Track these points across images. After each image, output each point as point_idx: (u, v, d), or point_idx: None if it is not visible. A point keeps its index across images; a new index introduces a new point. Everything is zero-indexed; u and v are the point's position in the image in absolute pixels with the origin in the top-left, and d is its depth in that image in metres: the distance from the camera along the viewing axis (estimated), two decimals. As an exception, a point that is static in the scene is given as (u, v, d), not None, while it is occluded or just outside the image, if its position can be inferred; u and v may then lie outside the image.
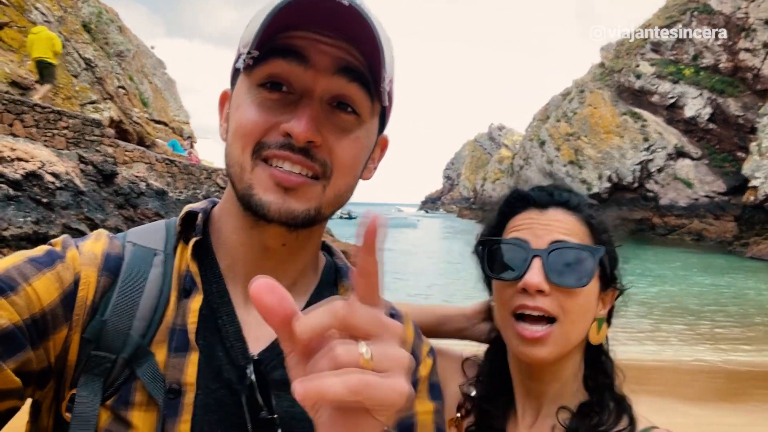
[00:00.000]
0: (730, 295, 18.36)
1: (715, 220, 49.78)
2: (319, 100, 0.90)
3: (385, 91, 0.94)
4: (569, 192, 1.28)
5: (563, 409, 1.22)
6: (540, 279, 1.13)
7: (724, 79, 53.56)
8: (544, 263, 1.15)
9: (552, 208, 1.22)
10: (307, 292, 1.07)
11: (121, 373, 0.85)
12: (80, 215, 11.03)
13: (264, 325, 0.98)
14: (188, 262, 0.95)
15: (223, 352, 0.92)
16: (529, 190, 1.28)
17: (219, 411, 0.88)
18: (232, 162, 0.94)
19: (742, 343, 11.25)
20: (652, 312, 14.31)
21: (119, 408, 0.83)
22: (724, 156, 53.29)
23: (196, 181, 18.43)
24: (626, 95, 59.44)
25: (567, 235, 1.18)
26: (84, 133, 12.81)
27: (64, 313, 0.85)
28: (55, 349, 0.83)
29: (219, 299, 0.96)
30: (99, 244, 0.95)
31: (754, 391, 8.26)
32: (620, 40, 65.31)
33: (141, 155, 15.62)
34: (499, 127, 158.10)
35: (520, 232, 1.21)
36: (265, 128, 0.90)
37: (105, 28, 21.16)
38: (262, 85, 0.90)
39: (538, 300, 1.14)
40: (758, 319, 14.00)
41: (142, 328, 0.88)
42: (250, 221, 0.96)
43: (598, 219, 1.24)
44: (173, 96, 28.93)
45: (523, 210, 1.25)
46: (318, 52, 0.89)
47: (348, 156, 0.94)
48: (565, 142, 59.90)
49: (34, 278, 0.82)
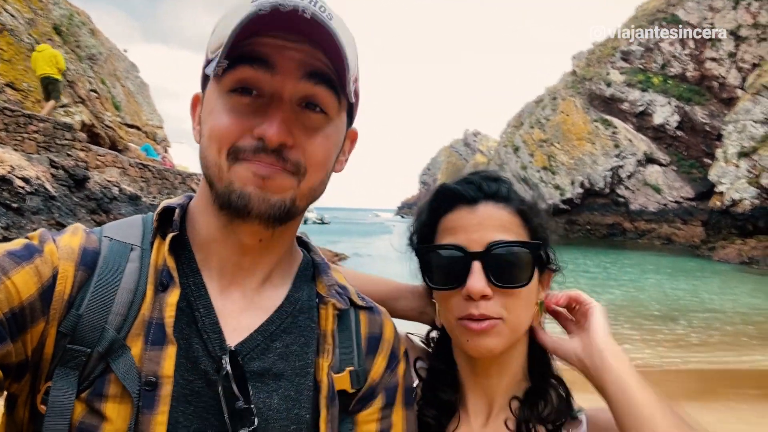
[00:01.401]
0: (697, 297, 18.79)
1: (684, 224, 50.96)
2: (288, 102, 0.93)
3: (351, 90, 0.98)
4: (497, 181, 1.23)
5: (514, 399, 1.24)
6: (483, 284, 1.12)
7: (691, 88, 55.02)
8: (485, 266, 1.13)
9: (482, 203, 1.19)
10: (283, 285, 1.08)
11: (96, 366, 0.86)
12: (51, 220, 10.83)
13: (241, 317, 1.01)
14: (165, 256, 0.96)
15: (200, 344, 0.93)
16: (457, 184, 1.23)
17: (196, 402, 0.90)
18: (209, 164, 0.96)
19: (708, 347, 11.50)
20: (621, 315, 14.58)
21: (93, 400, 0.84)
22: (691, 162, 54.65)
23: (170, 186, 18.21)
24: (597, 103, 60.58)
25: (502, 232, 1.16)
26: (55, 137, 12.57)
27: (42, 307, 0.85)
28: (32, 342, 0.85)
29: (196, 292, 0.97)
30: (76, 239, 0.95)
31: (722, 390, 8.45)
32: (591, 49, 66.60)
33: (113, 160, 15.37)
34: (474, 133, 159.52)
35: (454, 236, 1.18)
36: (239, 133, 0.93)
37: (76, 31, 20.77)
38: (233, 91, 0.93)
39: (482, 306, 1.13)
40: (722, 322, 14.35)
41: (118, 322, 0.89)
42: (225, 219, 0.98)
43: (528, 205, 1.22)
44: (146, 100, 28.50)
45: (454, 207, 1.21)
46: (283, 58, 0.92)
47: (320, 153, 0.98)
48: (539, 148, 60.74)
49: (13, 272, 0.83)
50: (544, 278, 1.27)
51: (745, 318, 14.75)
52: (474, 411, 1.27)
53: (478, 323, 1.13)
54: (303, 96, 0.95)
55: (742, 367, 9.93)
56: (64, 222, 11.07)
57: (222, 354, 0.93)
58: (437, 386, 1.28)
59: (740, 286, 22.33)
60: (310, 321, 1.06)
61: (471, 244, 1.15)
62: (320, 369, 1.03)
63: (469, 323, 1.14)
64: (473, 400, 1.27)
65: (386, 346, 1.18)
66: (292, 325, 1.03)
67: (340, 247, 30.34)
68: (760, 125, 36.80)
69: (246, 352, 0.96)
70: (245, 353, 0.96)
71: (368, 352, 1.13)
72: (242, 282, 1.03)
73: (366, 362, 1.12)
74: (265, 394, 0.95)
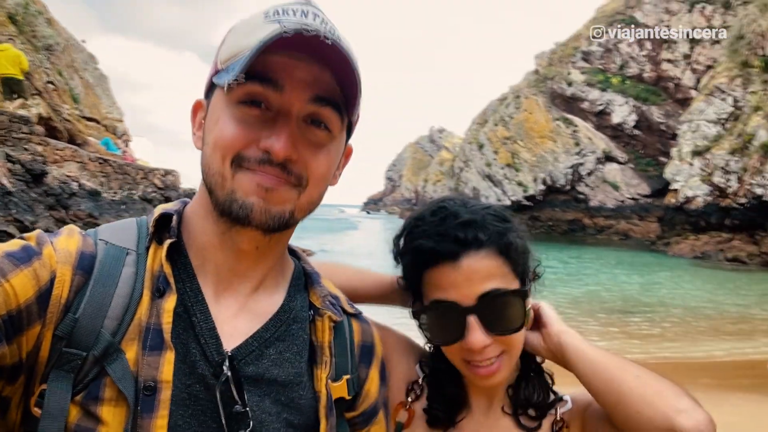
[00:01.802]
0: (651, 292, 19.38)
1: (640, 220, 52.35)
2: (295, 118, 0.96)
3: (357, 111, 1.04)
4: (472, 225, 1.20)
5: (509, 387, 1.35)
6: (482, 338, 1.17)
7: (648, 88, 56.59)
8: (480, 319, 1.17)
9: (464, 257, 1.17)
10: (277, 294, 1.11)
11: (92, 369, 0.87)
12: (8, 217, 10.50)
13: (236, 322, 1.05)
14: (162, 263, 0.96)
15: (197, 349, 0.95)
16: (434, 244, 1.20)
17: (194, 406, 0.92)
18: (211, 172, 0.98)
19: (667, 339, 11.81)
20: (579, 308, 14.95)
21: (89, 403, 0.85)
22: (648, 161, 56.26)
23: (131, 181, 17.81)
24: (559, 101, 61.72)
25: (490, 281, 1.18)
26: (11, 131, 12.16)
27: (39, 310, 0.86)
28: (27, 345, 0.85)
29: (193, 298, 0.99)
30: (73, 241, 0.95)
31: (677, 380, 8.74)
32: (553, 49, 67.78)
33: (72, 154, 14.95)
34: (439, 130, 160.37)
35: (444, 291, 1.20)
36: (244, 143, 0.95)
37: (32, 20, 20.04)
38: (242, 102, 0.95)
39: (486, 352, 1.19)
40: (678, 313, 14.84)
41: (114, 326, 0.90)
42: (224, 226, 1.00)
43: (509, 241, 1.22)
44: (106, 92, 27.73)
45: (435, 265, 1.20)
46: (292, 79, 0.94)
47: (322, 169, 1.01)
48: (503, 145, 61.47)
49: (11, 275, 0.83)
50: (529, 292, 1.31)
51: (697, 311, 15.32)
52: (476, 402, 1.36)
53: (486, 368, 1.21)
54: (309, 113, 0.98)
55: (695, 356, 10.31)
56: (21, 218, 10.75)
57: (220, 359, 0.95)
58: (442, 384, 1.36)
59: (694, 280, 23.13)
60: (302, 331, 1.10)
61: (462, 299, 1.17)
62: (318, 380, 1.07)
63: (477, 369, 1.22)
64: (476, 393, 1.36)
65: (378, 358, 1.26)
66: (286, 334, 1.07)
67: (306, 243, 30.12)
68: (713, 125, 38.15)
69: (241, 357, 0.98)
70: (240, 358, 0.98)
71: (361, 360, 1.20)
72: (237, 287, 1.05)
73: (359, 370, 1.19)
74: (258, 398, 0.98)
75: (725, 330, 12.81)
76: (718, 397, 7.30)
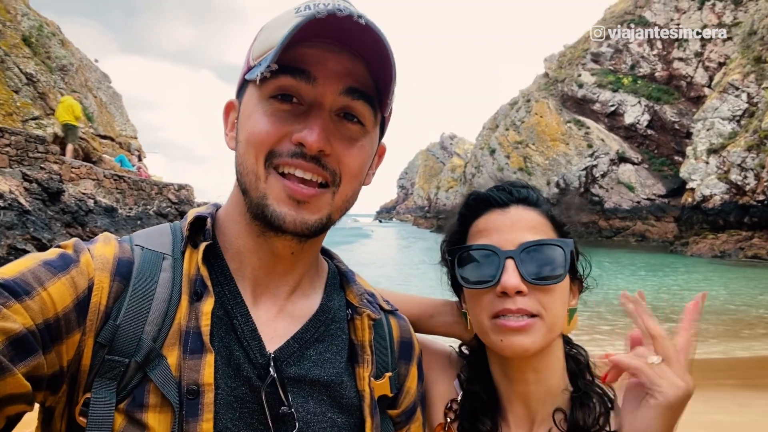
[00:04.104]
0: (676, 294, 19.11)
1: (657, 221, 51.90)
2: (328, 111, 0.95)
3: (389, 104, 1.01)
4: (526, 188, 1.26)
5: (558, 411, 1.20)
6: (517, 281, 1.11)
7: (660, 87, 56.20)
8: (518, 264, 1.13)
9: (513, 206, 1.21)
10: (314, 295, 1.11)
11: (134, 376, 0.86)
12: (26, 235, 10.65)
13: (276, 324, 1.04)
14: (198, 265, 0.96)
15: (240, 351, 0.94)
16: (488, 191, 1.25)
17: (240, 408, 0.91)
18: (246, 171, 0.97)
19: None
20: (605, 311, 14.79)
21: (134, 410, 0.84)
22: (662, 160, 55.79)
23: (146, 197, 18.01)
24: (570, 104, 61.51)
25: (534, 232, 1.17)
26: (27, 150, 12.38)
27: (78, 318, 0.85)
28: (68, 353, 0.84)
29: (232, 301, 0.98)
30: (110, 248, 0.95)
31: (701, 381, 8.60)
32: (562, 51, 67.64)
33: (88, 171, 15.17)
34: (450, 137, 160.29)
35: (487, 237, 1.19)
36: (277, 137, 0.94)
37: (46, 42, 20.45)
38: (273, 97, 0.94)
39: (519, 301, 1.12)
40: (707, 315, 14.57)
41: (154, 331, 0.89)
42: (258, 229, 0.99)
43: (557, 212, 1.25)
44: (119, 110, 28.13)
45: (485, 212, 1.23)
46: (325, 70, 0.93)
47: (355, 164, 0.99)
48: (514, 150, 61.40)
49: (49, 283, 0.83)
50: (575, 286, 1.27)
51: (723, 310, 15.05)
52: (515, 423, 1.24)
53: (516, 320, 1.12)
54: (342, 107, 0.96)
55: (716, 357, 10.12)
56: (39, 236, 10.89)
57: (264, 360, 0.95)
58: (476, 407, 1.27)
59: (717, 279, 22.76)
60: (341, 330, 1.09)
61: (504, 243, 1.15)
62: (361, 379, 1.06)
63: (505, 321, 1.12)
64: (514, 412, 1.24)
65: (417, 354, 1.25)
66: (325, 334, 1.06)
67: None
68: (728, 122, 37.73)
69: (283, 359, 0.98)
70: (282, 360, 0.97)
71: (401, 356, 1.19)
72: (274, 290, 1.05)
73: (399, 366, 1.18)
74: (302, 399, 0.97)
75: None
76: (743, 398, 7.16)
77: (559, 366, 1.24)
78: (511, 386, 1.24)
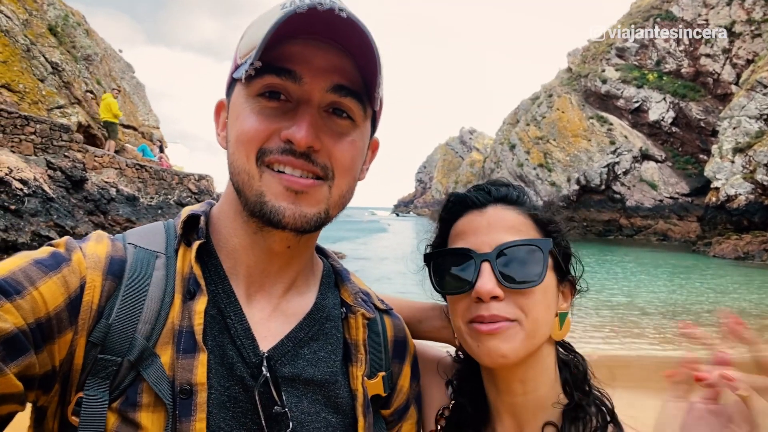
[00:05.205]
0: (701, 295, 18.81)
1: (679, 220, 51.17)
2: (316, 107, 0.94)
3: (378, 98, 0.99)
4: (508, 186, 1.21)
5: (549, 425, 1.13)
6: (492, 285, 1.05)
7: (686, 84, 55.27)
8: (494, 267, 1.07)
9: (491, 206, 1.15)
10: (309, 293, 1.10)
11: (127, 375, 0.86)
12: (49, 222, 10.84)
13: (269, 323, 1.03)
14: (192, 264, 0.95)
15: (234, 350, 0.94)
16: (466, 191, 1.22)
17: (234, 408, 0.91)
18: (237, 170, 0.96)
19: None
20: (618, 311, 14.61)
21: (127, 409, 0.84)
22: (686, 158, 54.94)
23: (167, 187, 18.21)
24: (593, 99, 60.73)
25: (512, 233, 1.11)
26: (52, 139, 12.59)
27: (69, 317, 0.84)
28: (60, 352, 0.83)
29: (226, 299, 0.97)
30: (102, 247, 0.94)
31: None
32: (586, 46, 66.75)
33: (110, 160, 15.38)
34: (470, 131, 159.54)
35: (464, 240, 1.14)
36: (266, 135, 0.93)
37: (72, 32, 20.74)
38: (261, 95, 0.94)
39: (493, 307, 1.06)
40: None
41: (147, 330, 0.89)
42: (254, 226, 0.98)
43: (541, 210, 1.18)
44: (142, 100, 28.51)
45: (463, 214, 1.18)
46: (310, 68, 0.92)
47: (346, 158, 0.99)
48: (535, 145, 60.82)
49: (40, 282, 0.82)
50: (566, 288, 1.19)
51: (745, 312, 14.79)
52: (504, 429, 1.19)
53: (489, 325, 1.05)
54: (330, 103, 0.96)
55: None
56: (62, 224, 11.09)
57: (257, 360, 0.94)
58: (462, 419, 1.22)
59: (742, 282, 22.34)
60: (335, 329, 1.09)
61: (480, 246, 1.10)
62: (354, 378, 1.05)
63: (479, 325, 1.07)
64: (502, 424, 1.19)
65: (411, 353, 1.24)
66: (319, 333, 1.05)
67: (336, 248, 30.32)
68: (755, 121, 36.96)
69: (277, 358, 0.97)
70: (276, 359, 0.97)
71: (395, 355, 1.18)
72: (269, 288, 1.04)
73: (393, 365, 1.17)
74: (296, 398, 0.97)
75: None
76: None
77: (550, 376, 1.16)
78: (499, 397, 1.18)
